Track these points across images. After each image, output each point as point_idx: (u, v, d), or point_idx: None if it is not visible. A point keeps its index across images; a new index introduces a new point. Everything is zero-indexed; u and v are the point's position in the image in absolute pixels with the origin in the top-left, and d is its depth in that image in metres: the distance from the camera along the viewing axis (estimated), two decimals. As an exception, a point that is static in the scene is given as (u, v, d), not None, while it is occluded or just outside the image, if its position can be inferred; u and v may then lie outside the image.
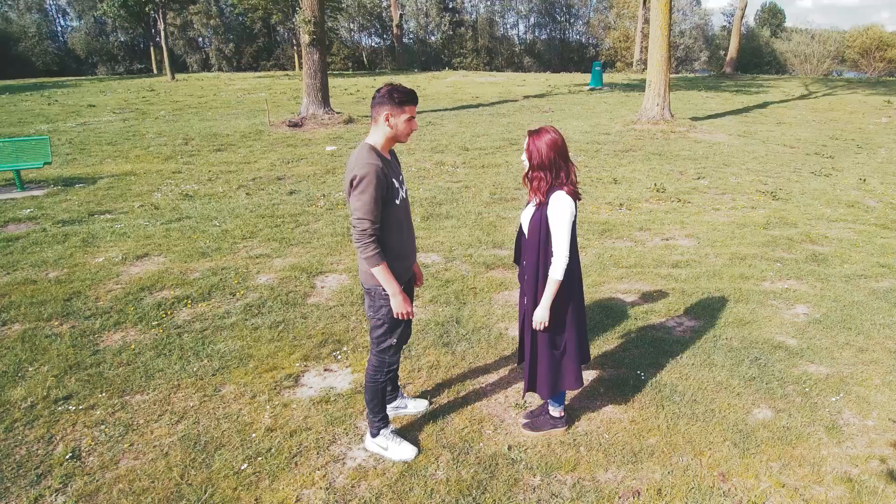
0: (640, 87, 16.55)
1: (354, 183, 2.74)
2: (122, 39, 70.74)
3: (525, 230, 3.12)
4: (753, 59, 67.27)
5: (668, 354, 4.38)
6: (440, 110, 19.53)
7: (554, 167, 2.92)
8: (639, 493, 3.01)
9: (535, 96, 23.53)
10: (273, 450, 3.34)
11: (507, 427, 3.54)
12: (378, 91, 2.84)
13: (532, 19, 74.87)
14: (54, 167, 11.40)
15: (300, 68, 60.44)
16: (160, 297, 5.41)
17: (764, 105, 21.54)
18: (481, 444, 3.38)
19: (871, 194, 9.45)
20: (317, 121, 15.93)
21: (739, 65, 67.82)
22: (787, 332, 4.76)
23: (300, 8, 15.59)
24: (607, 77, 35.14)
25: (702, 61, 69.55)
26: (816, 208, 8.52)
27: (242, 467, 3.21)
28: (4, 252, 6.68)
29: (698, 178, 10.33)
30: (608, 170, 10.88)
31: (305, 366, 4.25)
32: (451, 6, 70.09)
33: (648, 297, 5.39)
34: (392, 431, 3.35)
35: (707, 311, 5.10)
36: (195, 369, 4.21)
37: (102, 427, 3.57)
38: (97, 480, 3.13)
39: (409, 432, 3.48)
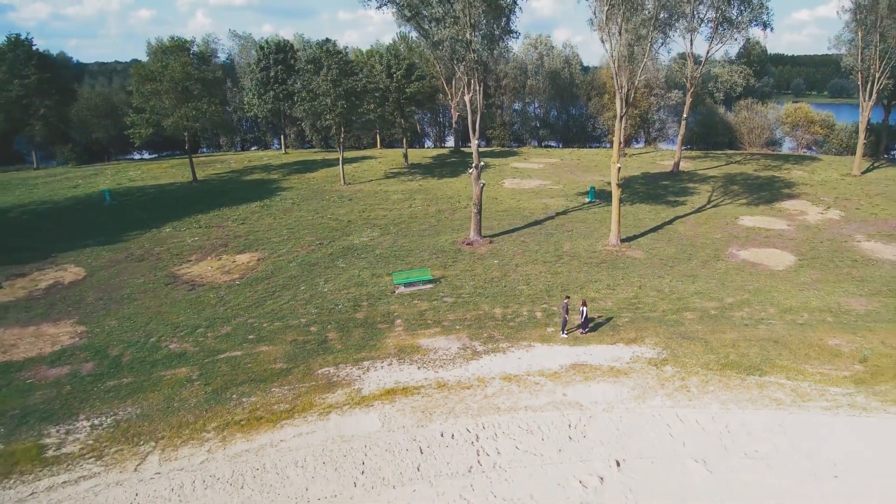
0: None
1: (566, 306, 26.72)
2: (241, 116, 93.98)
3: (574, 307, 27.20)
4: (711, 130, 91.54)
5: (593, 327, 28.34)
6: (522, 228, 43.55)
7: (585, 304, 26.93)
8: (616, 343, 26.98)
9: (561, 213, 47.68)
10: (548, 336, 27.27)
11: (578, 334, 27.46)
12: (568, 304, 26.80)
13: (546, 93, 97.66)
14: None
15: (380, 145, 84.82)
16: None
17: (672, 221, 45.63)
18: (577, 335, 27.28)
19: (669, 286, 33.35)
20: (478, 243, 39.91)
21: (701, 137, 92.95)
22: (615, 310, 28.64)
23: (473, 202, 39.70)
24: (604, 150, 59.23)
25: (673, 132, 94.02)
26: (648, 293, 32.41)
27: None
28: (454, 307, 30.57)
29: (620, 279, 34.26)
30: (593, 275, 34.83)
31: (549, 328, 28.17)
32: (488, 94, 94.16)
33: (598, 319, 29.28)
34: (564, 334, 27.30)
35: (603, 316, 29.00)
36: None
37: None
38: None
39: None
